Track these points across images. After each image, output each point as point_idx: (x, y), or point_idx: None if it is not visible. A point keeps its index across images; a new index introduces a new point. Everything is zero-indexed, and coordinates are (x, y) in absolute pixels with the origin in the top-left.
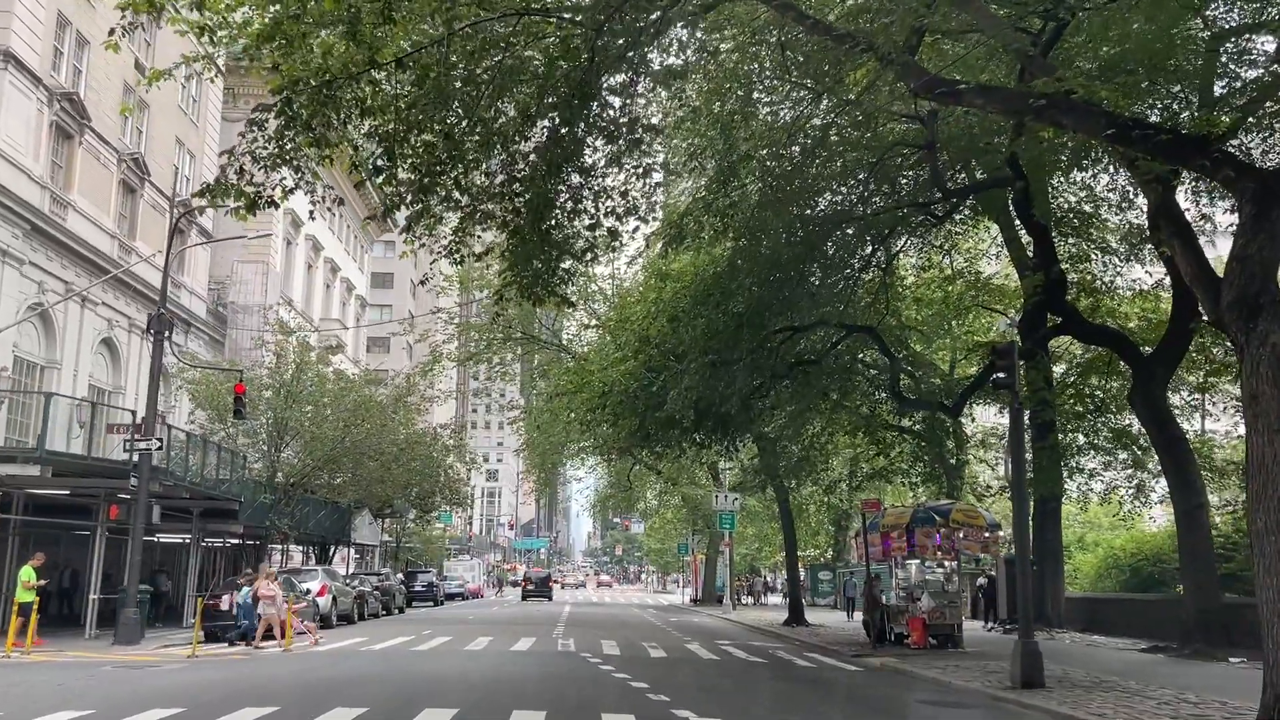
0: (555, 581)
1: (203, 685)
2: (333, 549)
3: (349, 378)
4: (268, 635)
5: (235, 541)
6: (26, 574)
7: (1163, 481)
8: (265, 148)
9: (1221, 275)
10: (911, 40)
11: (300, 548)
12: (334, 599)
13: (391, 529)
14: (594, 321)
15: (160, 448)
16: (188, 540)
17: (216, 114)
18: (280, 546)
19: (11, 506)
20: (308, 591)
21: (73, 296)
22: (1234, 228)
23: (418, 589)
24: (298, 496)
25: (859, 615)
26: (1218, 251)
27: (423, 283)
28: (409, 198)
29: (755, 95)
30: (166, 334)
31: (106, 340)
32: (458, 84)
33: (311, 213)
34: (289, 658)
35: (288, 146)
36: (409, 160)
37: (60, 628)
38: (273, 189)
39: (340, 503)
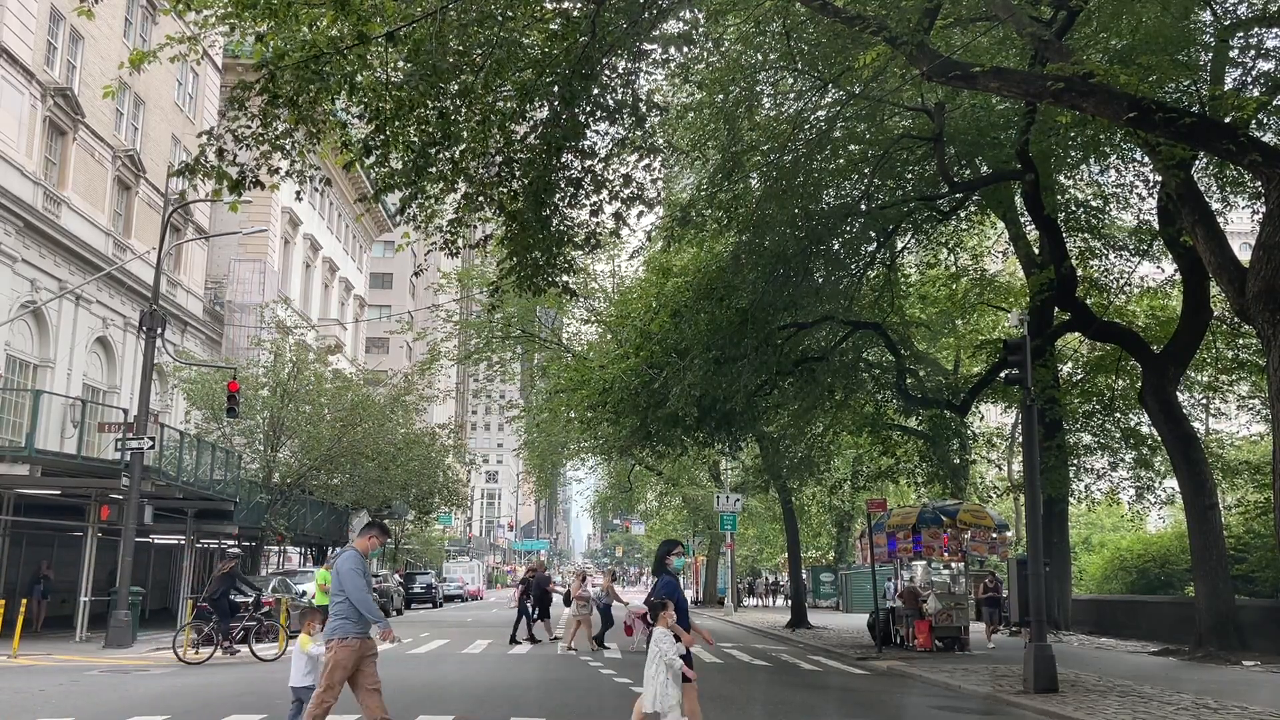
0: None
1: (190, 690)
2: (330, 550)
3: (347, 377)
4: (597, 638)
5: (231, 543)
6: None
7: (1168, 482)
8: (248, 126)
9: (1247, 265)
10: (924, 22)
11: (297, 549)
12: None
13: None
14: (594, 318)
15: (152, 446)
16: (182, 542)
17: (213, 111)
18: (277, 548)
19: (1, 507)
20: (303, 594)
21: (66, 294)
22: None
23: (416, 591)
24: (294, 497)
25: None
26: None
27: (417, 273)
28: (400, 180)
29: (759, 88)
30: (160, 331)
31: (101, 339)
32: (451, 60)
33: (299, 194)
34: (286, 662)
35: (272, 124)
36: (400, 140)
37: (51, 630)
38: (257, 169)
39: (338, 504)
